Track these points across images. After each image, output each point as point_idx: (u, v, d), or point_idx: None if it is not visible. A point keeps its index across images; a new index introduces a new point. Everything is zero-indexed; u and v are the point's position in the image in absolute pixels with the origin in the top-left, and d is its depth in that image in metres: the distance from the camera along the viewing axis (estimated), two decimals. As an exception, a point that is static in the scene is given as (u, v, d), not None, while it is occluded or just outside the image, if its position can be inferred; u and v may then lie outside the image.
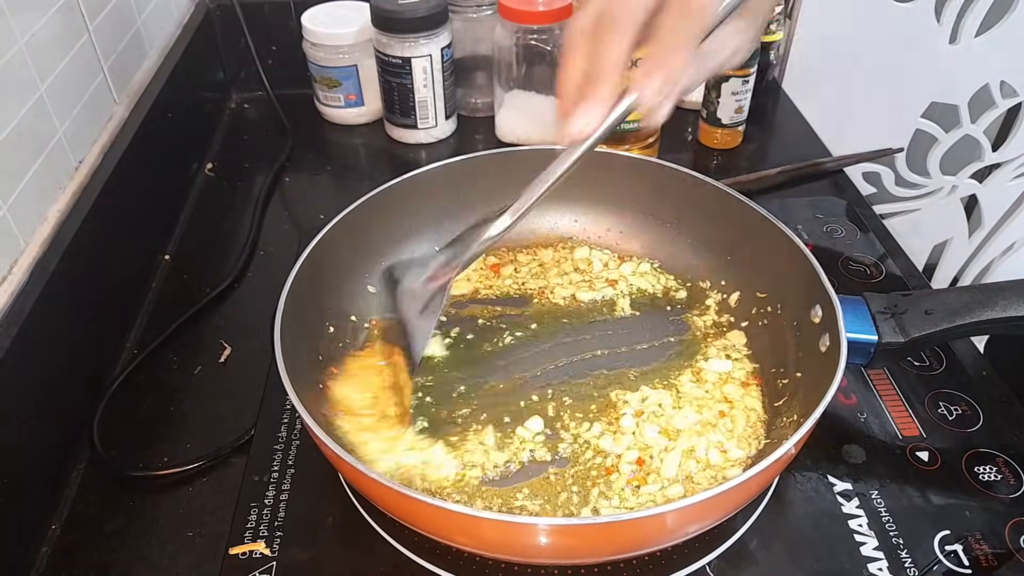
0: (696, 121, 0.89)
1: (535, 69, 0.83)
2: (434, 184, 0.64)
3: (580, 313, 0.63)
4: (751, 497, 0.48)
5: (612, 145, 0.79)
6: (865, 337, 0.50)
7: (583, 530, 0.42)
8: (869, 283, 0.69)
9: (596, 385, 0.57)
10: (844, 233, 0.74)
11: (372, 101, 0.90)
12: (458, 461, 0.51)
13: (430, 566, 0.47)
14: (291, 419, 0.56)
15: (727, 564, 0.48)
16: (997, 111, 0.99)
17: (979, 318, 0.50)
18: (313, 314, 0.57)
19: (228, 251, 0.74)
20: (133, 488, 0.54)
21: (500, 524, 0.42)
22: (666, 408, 0.54)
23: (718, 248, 0.64)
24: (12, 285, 0.53)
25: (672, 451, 0.51)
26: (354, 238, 0.60)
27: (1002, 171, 1.05)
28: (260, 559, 0.48)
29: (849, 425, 0.56)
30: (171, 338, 0.65)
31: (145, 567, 0.49)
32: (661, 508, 0.41)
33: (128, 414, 0.59)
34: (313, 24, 0.86)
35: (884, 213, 1.02)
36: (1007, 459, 0.53)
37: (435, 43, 0.81)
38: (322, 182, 0.86)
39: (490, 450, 0.52)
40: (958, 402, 0.57)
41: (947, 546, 0.48)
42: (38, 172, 0.58)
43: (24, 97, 0.57)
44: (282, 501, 0.51)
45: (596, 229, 0.69)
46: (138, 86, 0.77)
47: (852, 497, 0.51)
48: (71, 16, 0.65)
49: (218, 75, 0.96)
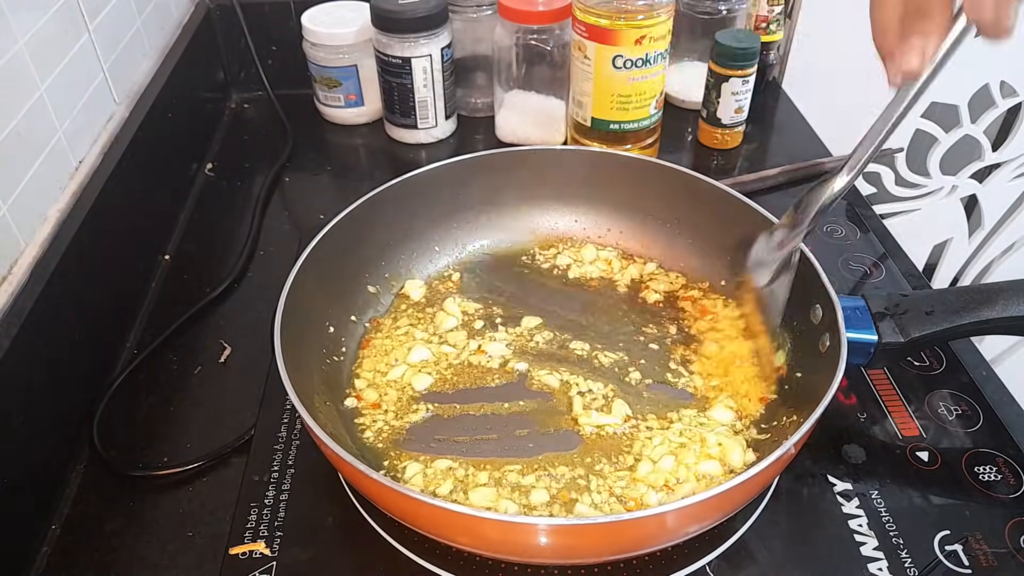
0: (696, 121, 0.89)
1: (535, 69, 0.83)
2: (434, 184, 0.64)
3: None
4: (751, 497, 0.48)
5: (612, 145, 0.80)
6: (865, 337, 0.50)
7: (583, 530, 0.42)
8: (869, 283, 0.69)
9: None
10: (844, 233, 0.74)
11: (372, 101, 0.90)
12: None
13: (430, 566, 0.47)
14: (291, 419, 0.56)
15: (727, 564, 0.48)
16: (997, 111, 0.99)
17: (979, 318, 0.50)
18: (313, 314, 0.57)
19: (228, 251, 0.74)
20: (133, 488, 0.54)
21: (500, 524, 0.42)
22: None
23: (718, 248, 0.64)
24: (12, 285, 0.53)
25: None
26: (354, 238, 0.60)
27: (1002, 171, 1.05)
28: (260, 559, 0.48)
29: (849, 425, 0.56)
30: (171, 338, 0.65)
31: (145, 567, 0.49)
32: (661, 508, 0.41)
33: (128, 414, 0.59)
34: (313, 24, 0.86)
35: (884, 213, 1.02)
36: (1007, 459, 0.53)
37: (435, 43, 0.81)
38: (322, 182, 0.86)
39: None
40: (958, 402, 0.57)
41: (947, 546, 0.48)
42: (38, 172, 0.58)
43: (24, 97, 0.57)
44: (282, 501, 0.51)
45: (596, 229, 0.69)
46: (138, 86, 0.77)
47: (852, 497, 0.51)
48: (71, 16, 0.65)
49: (218, 75, 0.96)
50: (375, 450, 0.53)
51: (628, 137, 0.80)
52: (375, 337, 0.61)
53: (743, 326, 0.59)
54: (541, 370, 0.58)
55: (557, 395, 0.56)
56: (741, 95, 0.83)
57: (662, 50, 0.75)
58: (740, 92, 0.83)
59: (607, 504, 0.49)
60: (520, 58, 0.82)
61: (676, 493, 0.49)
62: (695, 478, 0.50)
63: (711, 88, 0.84)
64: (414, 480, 0.50)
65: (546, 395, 0.56)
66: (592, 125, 0.79)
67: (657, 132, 0.82)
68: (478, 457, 0.52)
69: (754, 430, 0.53)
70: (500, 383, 0.57)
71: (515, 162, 0.67)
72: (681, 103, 0.94)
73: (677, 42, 0.89)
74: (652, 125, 0.80)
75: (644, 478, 0.50)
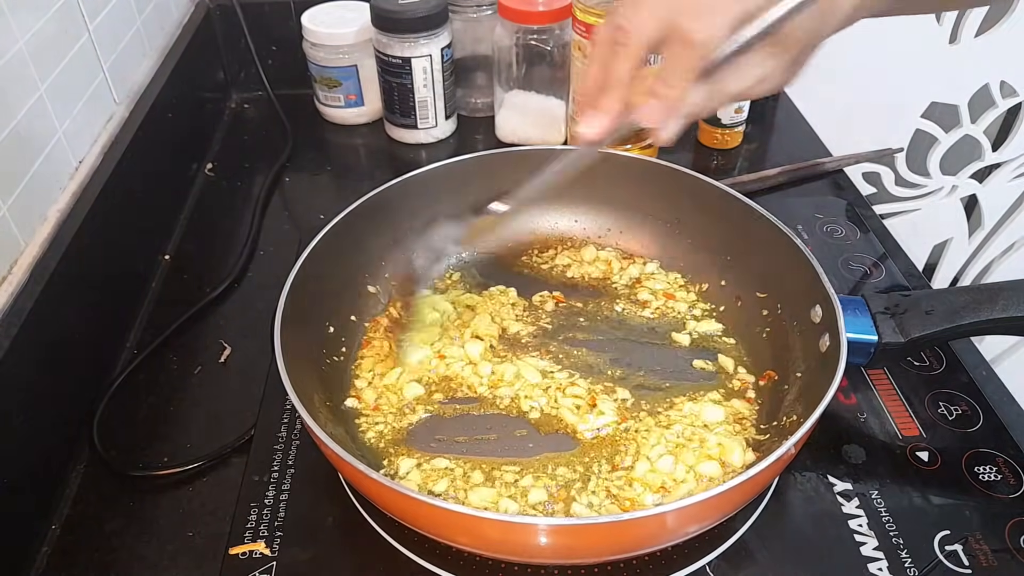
0: (696, 121, 0.89)
1: (535, 69, 0.83)
2: (434, 184, 0.64)
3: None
4: (751, 497, 0.48)
5: (613, 145, 0.79)
6: (865, 337, 0.50)
7: (583, 530, 0.42)
8: (869, 283, 0.69)
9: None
10: (844, 233, 0.74)
11: (372, 101, 0.90)
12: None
13: (430, 566, 0.47)
14: (291, 419, 0.56)
15: (727, 564, 0.48)
16: (997, 111, 0.99)
17: (979, 318, 0.50)
18: (313, 314, 0.57)
19: (228, 251, 0.74)
20: (133, 488, 0.54)
21: (499, 524, 0.42)
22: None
23: (718, 248, 0.64)
24: (12, 285, 0.53)
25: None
26: (354, 238, 0.60)
27: (1002, 171, 1.05)
28: (260, 559, 0.48)
29: (849, 425, 0.56)
30: (171, 338, 0.65)
31: (145, 567, 0.49)
32: (662, 508, 0.41)
33: (128, 414, 0.59)
34: (313, 24, 0.86)
35: (884, 213, 1.02)
36: (1007, 459, 0.53)
37: (435, 43, 0.81)
38: (322, 182, 0.86)
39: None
40: (958, 402, 0.57)
41: (947, 546, 0.48)
42: (38, 172, 0.58)
43: (24, 97, 0.57)
44: (282, 501, 0.51)
45: (596, 229, 0.69)
46: (138, 86, 0.77)
47: (852, 497, 0.51)
48: (71, 16, 0.65)
49: (218, 75, 0.96)
50: (375, 450, 0.53)
51: (629, 137, 0.79)
52: (375, 337, 0.61)
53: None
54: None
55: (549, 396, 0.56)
56: (741, 95, 0.83)
57: (662, 50, 0.75)
58: (740, 92, 0.83)
59: (603, 506, 0.49)
60: (520, 58, 0.82)
61: (674, 494, 0.49)
62: (695, 478, 0.50)
63: (711, 88, 0.84)
64: (411, 477, 0.51)
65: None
66: (592, 125, 0.79)
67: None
68: (477, 456, 0.52)
69: (754, 430, 0.53)
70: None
71: (515, 162, 0.67)
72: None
73: (677, 42, 0.89)
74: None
75: (641, 478, 0.50)
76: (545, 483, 0.50)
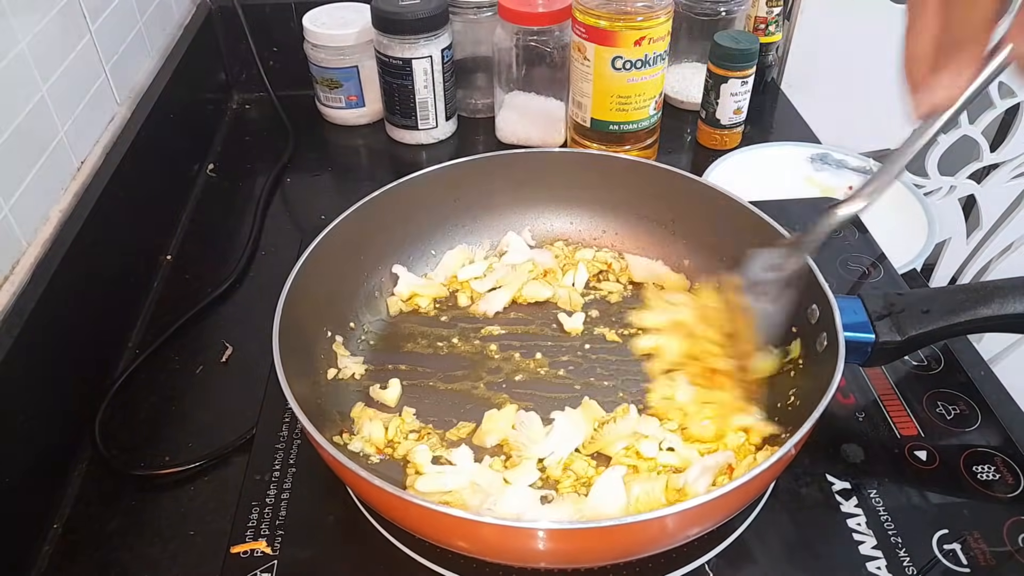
0: (695, 122, 0.89)
1: (535, 70, 0.83)
2: (435, 186, 0.64)
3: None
4: (751, 499, 0.48)
5: (611, 146, 0.80)
6: (862, 336, 0.51)
7: (583, 534, 0.41)
8: (867, 283, 0.69)
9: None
10: (842, 233, 0.74)
11: (373, 102, 0.91)
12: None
13: (431, 565, 0.47)
14: (292, 418, 0.56)
15: (726, 563, 0.48)
16: (995, 112, 0.99)
17: (976, 316, 0.50)
18: (313, 315, 0.57)
19: (229, 251, 0.75)
20: (134, 487, 0.54)
21: (500, 529, 0.41)
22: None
23: (714, 249, 0.64)
24: (14, 285, 0.53)
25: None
26: (355, 239, 0.61)
27: (1000, 171, 1.05)
28: (261, 558, 0.48)
29: (847, 425, 0.56)
30: (172, 338, 0.65)
31: (146, 566, 0.50)
32: (661, 512, 0.41)
33: (130, 414, 0.59)
34: (314, 25, 0.86)
35: (883, 213, 1.02)
36: (1005, 458, 0.53)
37: (435, 44, 0.82)
38: (323, 183, 0.86)
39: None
40: (956, 401, 0.57)
41: (945, 545, 0.48)
42: (40, 172, 0.58)
43: (26, 97, 0.58)
44: (283, 500, 0.51)
45: (592, 231, 0.69)
46: (140, 87, 0.77)
47: (851, 496, 0.51)
48: (73, 17, 0.65)
49: (219, 76, 0.96)
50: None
51: (627, 138, 0.80)
52: (376, 337, 0.61)
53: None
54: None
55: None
56: (740, 96, 0.83)
57: (661, 51, 0.75)
58: (739, 93, 0.83)
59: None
60: (520, 59, 0.82)
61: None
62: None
63: (710, 89, 0.84)
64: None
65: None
66: (592, 126, 0.79)
67: (656, 133, 0.82)
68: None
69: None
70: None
71: (516, 163, 0.67)
72: (680, 104, 0.94)
73: (676, 43, 0.89)
74: (651, 126, 0.80)
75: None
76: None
